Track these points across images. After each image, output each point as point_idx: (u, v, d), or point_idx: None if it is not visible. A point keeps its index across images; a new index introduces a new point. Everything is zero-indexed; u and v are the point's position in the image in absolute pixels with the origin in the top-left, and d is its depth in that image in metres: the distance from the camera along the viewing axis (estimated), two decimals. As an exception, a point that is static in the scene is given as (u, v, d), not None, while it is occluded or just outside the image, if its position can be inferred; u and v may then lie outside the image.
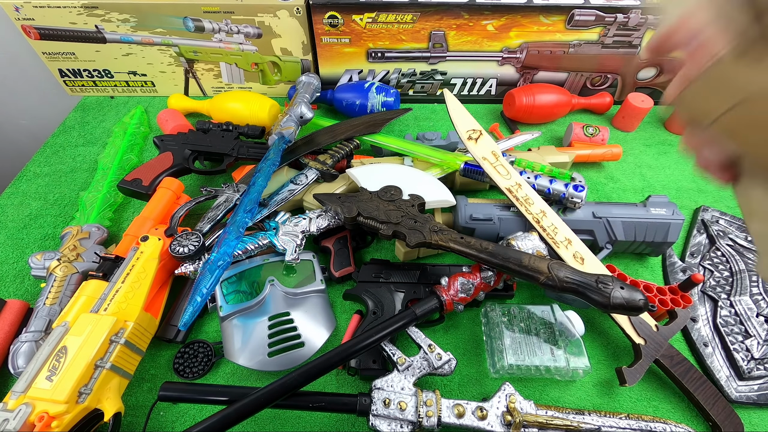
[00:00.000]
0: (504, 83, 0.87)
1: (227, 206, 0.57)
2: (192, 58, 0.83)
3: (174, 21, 0.77)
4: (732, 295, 0.58)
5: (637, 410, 0.50)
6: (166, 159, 0.65)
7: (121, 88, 0.89)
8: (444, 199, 0.59)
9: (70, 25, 0.78)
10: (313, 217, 0.58)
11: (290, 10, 0.75)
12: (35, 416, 0.38)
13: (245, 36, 0.80)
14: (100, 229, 0.59)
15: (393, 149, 0.68)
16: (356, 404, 0.42)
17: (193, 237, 0.52)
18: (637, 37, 0.79)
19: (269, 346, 0.48)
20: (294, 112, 0.67)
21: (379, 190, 0.58)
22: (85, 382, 0.41)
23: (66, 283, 0.52)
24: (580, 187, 0.59)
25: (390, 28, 0.77)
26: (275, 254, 0.56)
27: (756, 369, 0.51)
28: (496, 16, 0.76)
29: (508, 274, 0.48)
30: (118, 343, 0.44)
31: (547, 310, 0.53)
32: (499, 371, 0.50)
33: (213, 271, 0.46)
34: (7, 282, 0.59)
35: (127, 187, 0.62)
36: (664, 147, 0.82)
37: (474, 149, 0.58)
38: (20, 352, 0.46)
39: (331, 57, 0.83)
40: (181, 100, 0.83)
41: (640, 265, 0.63)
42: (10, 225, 0.66)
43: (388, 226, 0.53)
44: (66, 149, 0.79)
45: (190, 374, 0.50)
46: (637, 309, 0.41)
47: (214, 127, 0.70)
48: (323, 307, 0.54)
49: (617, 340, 0.55)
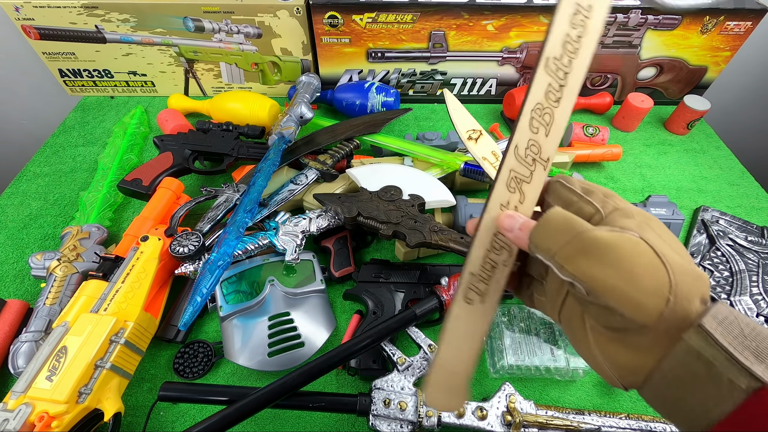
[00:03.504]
0: (504, 83, 0.87)
1: (227, 206, 0.57)
2: (192, 58, 0.83)
3: (174, 21, 0.77)
4: (732, 295, 0.58)
5: (637, 410, 0.50)
6: (166, 159, 0.65)
7: (121, 88, 0.89)
8: (444, 199, 0.59)
9: (70, 25, 0.78)
10: (313, 217, 0.58)
11: (290, 10, 0.75)
12: (35, 416, 0.38)
13: (245, 36, 0.80)
14: (100, 229, 0.59)
15: (393, 149, 0.68)
16: (356, 404, 0.42)
17: (193, 237, 0.52)
18: (637, 37, 0.79)
19: (269, 346, 0.48)
20: (294, 112, 0.67)
21: (379, 190, 0.58)
22: (85, 382, 0.41)
23: (66, 283, 0.52)
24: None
25: (390, 28, 0.77)
26: (275, 254, 0.56)
27: (756, 369, 0.51)
28: (496, 16, 0.76)
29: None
30: (118, 343, 0.44)
31: (547, 310, 0.53)
32: (499, 371, 0.50)
33: (213, 271, 0.46)
34: (7, 282, 0.59)
35: (127, 187, 0.62)
36: (664, 147, 0.82)
37: (474, 149, 0.58)
38: (20, 352, 0.46)
39: (331, 57, 0.83)
40: (181, 100, 0.83)
41: (640, 265, 0.63)
42: (10, 225, 0.66)
43: (388, 226, 0.53)
44: (66, 149, 0.79)
45: (190, 374, 0.50)
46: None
47: (214, 127, 0.70)
48: (323, 307, 0.54)
49: (617, 340, 0.55)
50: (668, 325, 0.20)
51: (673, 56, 0.82)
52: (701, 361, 0.19)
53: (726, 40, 0.79)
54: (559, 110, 0.29)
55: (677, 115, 0.83)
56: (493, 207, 0.29)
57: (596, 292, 0.21)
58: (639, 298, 0.20)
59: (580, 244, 0.22)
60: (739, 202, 0.73)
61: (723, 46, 0.81)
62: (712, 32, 0.78)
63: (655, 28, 0.77)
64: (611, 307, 0.21)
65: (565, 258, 0.22)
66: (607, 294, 0.20)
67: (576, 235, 0.22)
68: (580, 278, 0.21)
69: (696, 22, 0.76)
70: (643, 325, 0.20)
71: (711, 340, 0.19)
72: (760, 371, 0.18)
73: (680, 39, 0.79)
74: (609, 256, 0.21)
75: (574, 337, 0.25)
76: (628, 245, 0.21)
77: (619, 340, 0.22)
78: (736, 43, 0.80)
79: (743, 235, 0.65)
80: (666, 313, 0.20)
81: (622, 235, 0.22)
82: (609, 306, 0.21)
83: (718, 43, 0.80)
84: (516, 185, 0.29)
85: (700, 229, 0.67)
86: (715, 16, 0.75)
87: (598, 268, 0.21)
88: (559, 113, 0.29)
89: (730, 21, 0.76)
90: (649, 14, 0.75)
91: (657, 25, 0.77)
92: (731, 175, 0.78)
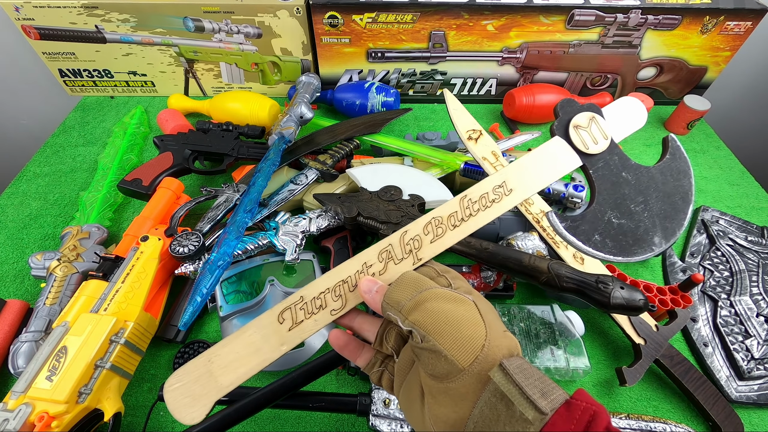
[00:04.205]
0: (504, 83, 0.87)
1: (227, 206, 0.57)
2: (192, 58, 0.83)
3: (174, 21, 0.77)
4: (732, 295, 0.58)
5: (637, 410, 0.50)
6: (166, 159, 0.65)
7: (121, 88, 0.89)
8: (444, 199, 0.58)
9: (70, 25, 0.78)
10: (313, 217, 0.58)
11: (290, 10, 0.75)
12: (35, 416, 0.38)
13: (245, 36, 0.80)
14: (100, 229, 0.59)
15: (393, 149, 0.68)
16: (356, 404, 0.42)
17: (193, 237, 0.52)
18: (637, 37, 0.79)
19: (269, 346, 0.48)
20: (294, 112, 0.67)
21: (379, 190, 0.58)
22: (85, 382, 0.41)
23: (66, 283, 0.52)
24: (580, 187, 0.59)
25: (390, 28, 0.77)
26: (275, 254, 0.56)
27: (756, 369, 0.51)
28: (496, 16, 0.76)
29: (508, 274, 0.48)
30: (118, 343, 0.44)
31: (547, 310, 0.53)
32: (499, 371, 0.50)
33: (213, 271, 0.46)
34: (7, 282, 0.59)
35: (127, 187, 0.62)
36: (664, 147, 0.82)
37: (474, 149, 0.58)
38: (20, 352, 0.46)
39: (331, 57, 0.83)
40: (181, 100, 0.83)
41: (640, 265, 0.63)
42: (10, 225, 0.66)
43: (388, 226, 0.53)
44: (66, 149, 0.79)
45: (190, 374, 0.50)
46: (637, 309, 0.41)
47: (214, 127, 0.70)
48: (323, 307, 0.54)
49: (617, 340, 0.55)
50: (481, 368, 0.24)
51: (673, 56, 0.82)
52: (504, 401, 0.23)
53: (726, 40, 0.79)
54: (450, 234, 0.33)
55: (677, 115, 0.83)
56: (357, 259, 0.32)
57: (429, 335, 0.25)
58: (461, 341, 0.24)
59: (424, 296, 0.27)
60: (739, 202, 0.73)
61: (723, 46, 0.81)
62: (712, 32, 0.78)
63: (655, 28, 0.77)
64: (437, 349, 0.25)
65: (410, 309, 0.27)
66: (436, 335, 0.25)
67: (423, 289, 0.27)
68: (420, 324, 0.26)
69: (696, 22, 0.76)
70: (461, 369, 0.24)
71: (509, 377, 0.23)
72: (543, 405, 0.21)
73: (680, 39, 0.79)
74: (444, 308, 0.26)
75: (409, 407, 0.28)
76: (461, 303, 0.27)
77: (443, 391, 0.25)
78: (736, 43, 0.80)
79: (743, 235, 0.65)
80: (480, 356, 0.24)
81: (459, 294, 0.27)
82: (436, 349, 0.25)
83: (718, 43, 0.80)
84: (385, 258, 0.32)
85: (700, 229, 0.67)
86: (715, 16, 0.75)
87: (433, 316, 0.26)
88: (448, 236, 0.33)
89: (730, 21, 0.76)
90: (649, 14, 0.75)
91: (657, 25, 0.77)
92: (731, 175, 0.78)
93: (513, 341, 0.26)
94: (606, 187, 0.38)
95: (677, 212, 0.37)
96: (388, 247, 0.32)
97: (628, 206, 0.37)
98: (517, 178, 0.36)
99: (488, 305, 0.28)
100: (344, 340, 0.34)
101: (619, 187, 0.38)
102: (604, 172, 0.38)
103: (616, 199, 0.37)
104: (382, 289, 0.29)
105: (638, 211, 0.37)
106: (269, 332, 0.31)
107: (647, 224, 0.37)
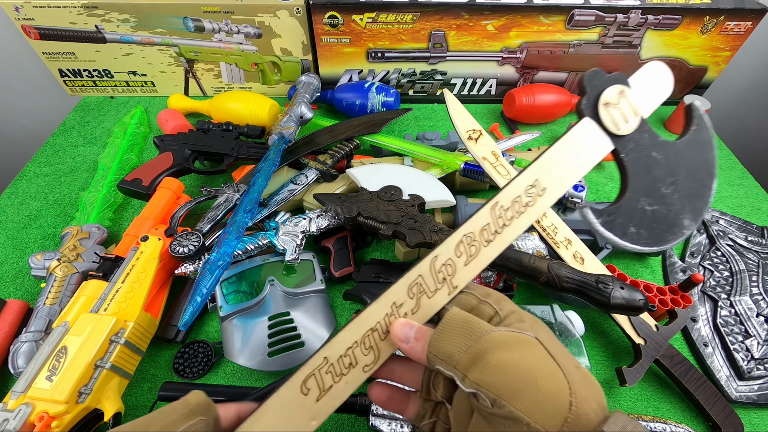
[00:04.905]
0: (504, 83, 0.87)
1: (227, 206, 0.57)
2: (192, 58, 0.83)
3: (174, 21, 0.77)
4: (732, 295, 0.58)
5: (637, 410, 0.50)
6: (166, 159, 0.65)
7: (121, 88, 0.89)
8: (444, 199, 0.59)
9: (70, 25, 0.78)
10: (313, 217, 0.58)
11: (290, 10, 0.75)
12: (35, 416, 0.38)
13: (245, 36, 0.80)
14: (100, 229, 0.59)
15: (393, 149, 0.68)
16: (356, 404, 0.42)
17: (193, 237, 0.52)
18: (637, 37, 0.79)
19: (269, 346, 0.48)
20: (294, 112, 0.67)
21: (379, 190, 0.58)
22: (85, 382, 0.41)
23: (66, 283, 0.52)
24: (580, 187, 0.59)
25: (390, 28, 0.77)
26: (275, 254, 0.56)
27: (756, 369, 0.51)
28: (496, 16, 0.76)
29: (508, 274, 0.48)
30: (118, 343, 0.44)
31: (547, 310, 0.53)
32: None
33: (213, 271, 0.46)
34: (7, 282, 0.59)
35: (127, 187, 0.62)
36: (664, 147, 0.82)
37: (474, 149, 0.58)
38: (20, 352, 0.46)
39: (331, 57, 0.83)
40: (181, 100, 0.83)
41: (640, 265, 0.63)
42: (10, 225, 0.66)
43: (388, 226, 0.53)
44: (66, 149, 0.79)
45: (190, 374, 0.50)
46: (637, 309, 0.41)
47: (214, 127, 0.70)
48: (323, 307, 0.54)
49: (617, 340, 0.55)
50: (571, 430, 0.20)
51: (673, 56, 0.82)
52: None
53: (726, 40, 0.79)
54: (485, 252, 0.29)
55: (677, 115, 0.83)
56: (384, 300, 0.27)
57: (501, 399, 0.21)
58: (542, 402, 0.20)
59: (482, 345, 0.22)
60: (739, 202, 0.73)
61: (723, 46, 0.81)
62: (712, 32, 0.78)
63: (655, 28, 0.77)
64: (516, 416, 0.20)
65: (467, 365, 0.22)
66: (511, 398, 0.20)
67: (478, 338, 0.22)
68: (487, 385, 0.21)
69: (696, 22, 0.76)
70: None
71: None
72: None
73: (680, 39, 0.79)
74: (510, 359, 0.21)
75: None
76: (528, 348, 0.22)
77: None
78: (736, 43, 0.80)
79: (743, 235, 0.65)
80: (570, 418, 0.20)
81: (520, 334, 0.22)
82: (514, 416, 0.20)
83: (718, 43, 0.80)
84: (416, 293, 0.28)
85: (700, 229, 0.67)
86: (715, 16, 0.75)
87: (502, 374, 0.21)
88: (483, 254, 0.29)
89: (730, 21, 0.76)
90: (649, 14, 0.75)
91: (657, 25, 0.77)
92: (731, 175, 0.78)
93: (595, 387, 0.22)
94: (638, 171, 0.33)
95: (704, 188, 0.34)
96: (418, 279, 0.28)
97: (659, 190, 0.34)
98: (549, 174, 0.31)
99: (548, 333, 0.24)
100: (387, 395, 0.29)
101: (651, 170, 0.34)
102: (636, 154, 0.33)
103: (648, 183, 0.33)
104: (422, 335, 0.25)
105: (668, 194, 0.34)
106: (293, 408, 0.25)
107: (678, 207, 0.34)
